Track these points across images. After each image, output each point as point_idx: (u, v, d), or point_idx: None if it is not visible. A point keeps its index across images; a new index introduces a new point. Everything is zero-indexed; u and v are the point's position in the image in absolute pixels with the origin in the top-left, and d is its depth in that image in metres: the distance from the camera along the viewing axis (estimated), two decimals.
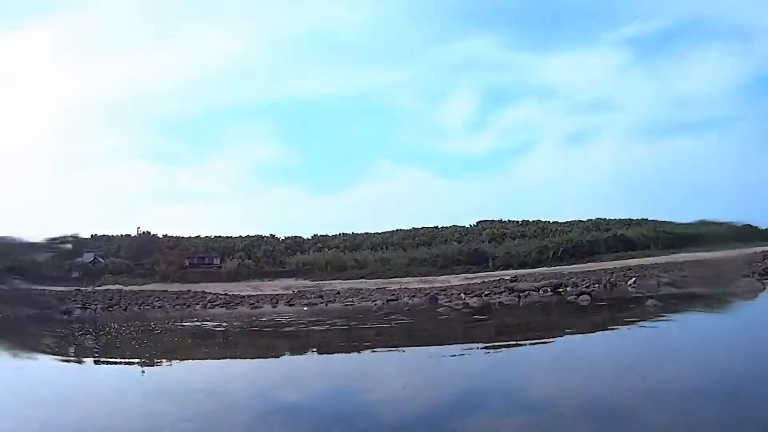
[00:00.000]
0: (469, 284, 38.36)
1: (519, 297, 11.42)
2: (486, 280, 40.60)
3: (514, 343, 6.70)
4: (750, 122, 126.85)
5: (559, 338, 6.74)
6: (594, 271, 36.09)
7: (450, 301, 12.45)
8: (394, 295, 20.43)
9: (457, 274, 55.14)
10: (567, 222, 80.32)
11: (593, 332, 7.38)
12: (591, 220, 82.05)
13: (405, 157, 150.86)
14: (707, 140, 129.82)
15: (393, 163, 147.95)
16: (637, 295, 10.55)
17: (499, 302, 10.18)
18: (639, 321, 7.29)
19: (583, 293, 10.77)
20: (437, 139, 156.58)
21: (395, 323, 9.62)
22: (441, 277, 53.51)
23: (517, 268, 57.39)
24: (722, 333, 6.31)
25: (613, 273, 26.64)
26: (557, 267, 54.57)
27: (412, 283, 48.92)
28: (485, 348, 6.49)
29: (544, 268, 55.05)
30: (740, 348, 5.13)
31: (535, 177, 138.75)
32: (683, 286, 11.01)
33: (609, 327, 7.63)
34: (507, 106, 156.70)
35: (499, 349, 6.34)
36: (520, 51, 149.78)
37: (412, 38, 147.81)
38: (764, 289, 9.25)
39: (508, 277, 40.01)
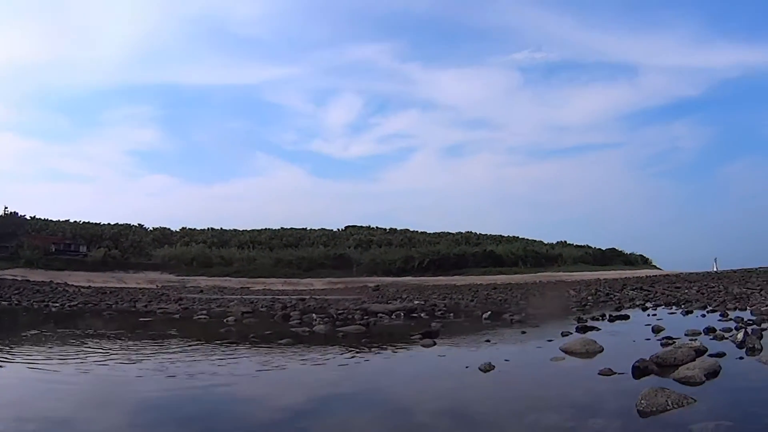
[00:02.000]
0: (331, 288, 38.64)
1: (368, 325, 11.13)
2: (349, 286, 41.28)
3: None
4: (623, 150, 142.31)
5: None
6: (458, 286, 37.76)
7: (300, 323, 11.86)
8: (252, 304, 19.48)
9: (322, 277, 55.53)
10: (435, 233, 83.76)
11: None
12: (461, 233, 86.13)
13: (282, 153, 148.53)
14: (581, 165, 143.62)
15: (270, 159, 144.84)
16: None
17: (343, 335, 9.79)
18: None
19: (432, 325, 10.88)
20: (316, 139, 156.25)
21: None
22: (305, 279, 53.44)
23: (382, 276, 58.83)
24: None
25: (477, 292, 27.45)
26: (422, 278, 56.77)
27: (277, 284, 48.20)
28: None
29: (409, 278, 56.96)
30: None
31: (407, 186, 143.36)
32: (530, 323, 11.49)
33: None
34: (388, 113, 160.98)
35: None
36: (409, 62, 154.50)
37: (303, 38, 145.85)
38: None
39: (372, 285, 40.99)
